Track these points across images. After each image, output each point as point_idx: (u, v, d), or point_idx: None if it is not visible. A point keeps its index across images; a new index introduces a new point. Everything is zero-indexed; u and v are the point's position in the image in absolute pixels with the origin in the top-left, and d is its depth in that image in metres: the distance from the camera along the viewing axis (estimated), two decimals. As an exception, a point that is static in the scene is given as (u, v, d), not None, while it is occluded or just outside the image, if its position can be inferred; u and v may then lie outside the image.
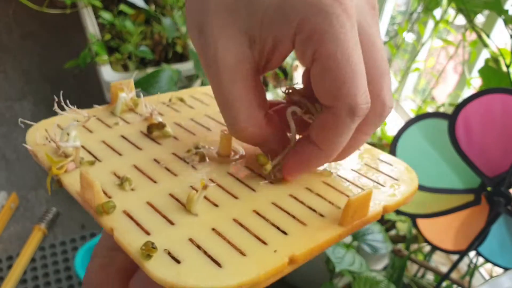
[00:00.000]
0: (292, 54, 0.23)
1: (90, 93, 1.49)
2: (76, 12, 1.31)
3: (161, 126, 0.31)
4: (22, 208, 1.27)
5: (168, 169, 0.27)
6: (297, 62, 1.39)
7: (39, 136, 0.30)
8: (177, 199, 0.25)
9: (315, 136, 0.24)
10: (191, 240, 0.22)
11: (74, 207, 1.28)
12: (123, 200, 0.25)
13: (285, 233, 0.24)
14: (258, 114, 0.24)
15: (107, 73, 1.14)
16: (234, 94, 0.23)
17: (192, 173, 0.27)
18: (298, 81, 1.33)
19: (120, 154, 0.29)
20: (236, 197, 0.26)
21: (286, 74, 1.35)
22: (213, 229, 0.23)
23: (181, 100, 0.36)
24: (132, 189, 0.26)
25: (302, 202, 0.26)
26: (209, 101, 0.37)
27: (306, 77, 0.27)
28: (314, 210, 0.25)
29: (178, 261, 0.21)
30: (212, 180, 0.27)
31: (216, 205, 0.25)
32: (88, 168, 0.27)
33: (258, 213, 0.25)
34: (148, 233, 0.23)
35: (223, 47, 0.22)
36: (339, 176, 0.29)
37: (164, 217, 0.24)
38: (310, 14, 0.21)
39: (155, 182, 0.26)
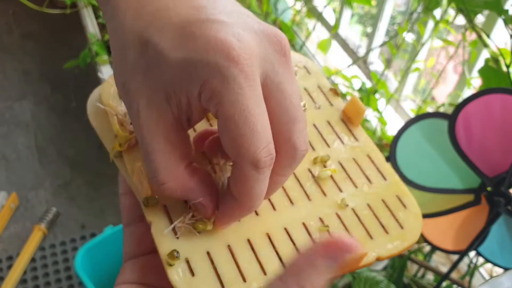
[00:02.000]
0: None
1: (90, 93, 1.49)
2: (76, 12, 1.31)
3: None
4: (22, 208, 1.27)
5: (214, 169, 0.28)
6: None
7: (114, 91, 0.31)
8: None
9: (232, 189, 0.25)
10: (208, 253, 0.25)
11: (74, 207, 1.28)
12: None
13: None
14: (177, 168, 0.24)
15: (107, 73, 1.14)
16: (154, 148, 0.24)
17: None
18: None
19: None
20: (257, 214, 0.27)
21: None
22: (228, 246, 0.25)
23: None
24: None
25: (309, 233, 0.28)
26: None
27: None
28: None
29: (193, 273, 0.24)
30: None
31: (238, 220, 0.27)
32: None
33: (270, 238, 0.27)
34: (177, 237, 0.25)
35: (143, 105, 0.23)
36: (354, 210, 0.30)
37: (193, 222, 0.26)
38: (209, 76, 0.22)
39: None
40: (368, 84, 1.08)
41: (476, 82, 0.92)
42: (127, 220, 0.29)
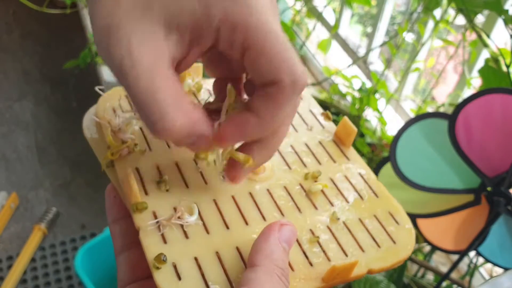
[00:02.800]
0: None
1: (90, 93, 1.49)
2: (76, 12, 1.31)
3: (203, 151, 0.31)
4: (22, 208, 1.27)
5: (202, 174, 0.29)
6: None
7: (109, 106, 0.32)
8: (199, 211, 0.27)
9: (258, 106, 0.24)
10: (196, 258, 0.25)
11: (74, 207, 1.28)
12: (155, 200, 0.27)
13: None
14: (183, 102, 0.23)
15: (107, 73, 1.14)
16: (157, 87, 0.22)
17: (220, 186, 0.29)
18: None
19: (169, 146, 0.31)
20: (246, 223, 0.28)
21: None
22: (217, 253, 0.26)
23: None
24: (167, 190, 0.28)
25: (300, 244, 0.28)
26: None
27: (219, 85, 0.28)
28: (307, 257, 0.27)
29: (180, 278, 0.24)
30: (233, 197, 0.29)
31: (227, 227, 0.27)
32: (138, 156, 0.29)
33: None
34: (165, 242, 0.25)
35: (138, 42, 0.21)
36: (345, 224, 0.30)
37: (182, 227, 0.26)
38: (231, 5, 0.21)
39: (187, 187, 0.29)
40: (368, 84, 1.08)
41: (476, 82, 0.92)
42: (120, 247, 0.28)
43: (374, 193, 0.33)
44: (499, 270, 0.96)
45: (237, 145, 0.28)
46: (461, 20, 0.89)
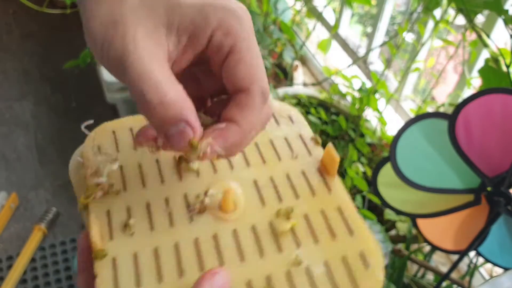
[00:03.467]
0: (293, 53, 0.24)
1: (90, 93, 1.49)
2: (76, 12, 1.31)
3: (185, 160, 0.32)
4: (22, 208, 1.27)
5: (171, 215, 0.30)
6: (297, 63, 1.39)
7: (94, 145, 0.34)
8: (159, 256, 0.28)
9: (235, 115, 0.27)
10: None
11: (74, 207, 1.28)
12: (117, 246, 0.28)
13: None
14: (179, 86, 0.25)
15: (107, 73, 1.14)
16: (153, 68, 0.24)
17: (185, 228, 0.29)
18: (298, 80, 1.33)
19: (144, 185, 0.31)
20: (202, 268, 0.27)
21: (286, 74, 1.35)
22: None
23: None
24: (131, 234, 0.29)
25: None
26: (275, 126, 0.37)
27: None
28: None
29: None
30: (196, 240, 0.29)
31: (181, 275, 0.27)
32: (112, 198, 0.30)
33: None
34: None
35: (142, 35, 0.24)
36: (307, 268, 0.28)
37: (138, 276, 0.27)
38: (227, 16, 0.26)
39: (152, 229, 0.29)
40: (368, 84, 1.08)
41: (476, 82, 0.92)
42: None
43: (350, 230, 0.30)
44: (499, 270, 0.95)
45: None
46: (461, 20, 0.89)
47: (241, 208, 0.31)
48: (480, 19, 0.89)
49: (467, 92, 0.95)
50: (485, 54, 0.89)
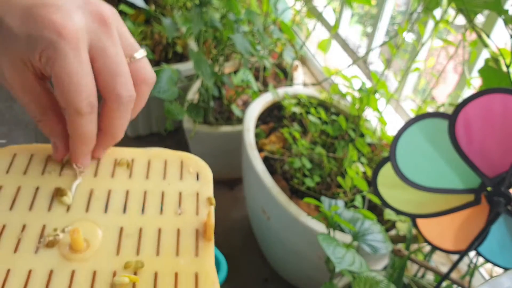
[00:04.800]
0: (293, 53, 0.23)
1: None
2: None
3: (60, 193, 0.33)
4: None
5: (20, 241, 0.30)
6: (297, 63, 1.39)
7: None
8: None
9: (68, 131, 0.33)
10: None
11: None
12: None
13: None
14: (46, 111, 0.33)
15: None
16: (23, 100, 0.33)
17: (26, 257, 0.29)
18: (298, 80, 1.33)
19: (10, 208, 0.32)
20: None
21: (286, 74, 1.35)
22: None
23: (128, 165, 0.36)
24: None
25: None
26: (156, 174, 0.36)
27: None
28: None
29: None
30: (29, 273, 0.28)
31: None
32: None
33: None
34: None
35: (7, 68, 0.31)
36: None
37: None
38: (45, 47, 0.29)
39: None
40: (368, 84, 1.08)
41: (476, 82, 0.92)
42: None
43: None
44: (499, 270, 0.95)
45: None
46: (461, 20, 0.89)
47: (92, 252, 0.30)
48: (480, 19, 0.89)
49: (467, 92, 0.95)
50: (485, 54, 0.89)
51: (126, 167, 0.36)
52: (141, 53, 0.34)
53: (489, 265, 0.95)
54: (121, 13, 1.27)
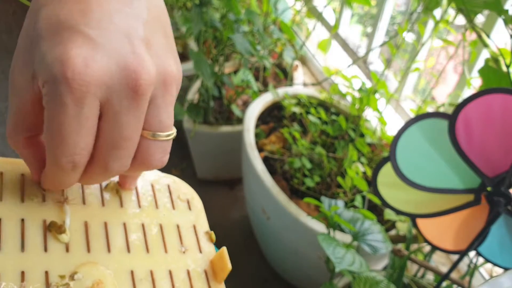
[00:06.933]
0: (293, 53, 0.23)
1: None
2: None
3: (57, 229, 0.28)
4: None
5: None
6: (297, 63, 1.39)
7: None
8: None
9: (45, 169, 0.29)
10: None
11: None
12: None
13: None
14: (16, 135, 0.28)
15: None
16: (11, 107, 0.27)
17: None
18: (298, 80, 1.33)
19: None
20: None
21: (286, 74, 1.35)
22: None
23: (116, 190, 0.33)
24: None
25: None
26: (147, 201, 0.33)
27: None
28: None
29: None
30: None
31: None
32: None
33: None
34: None
35: (17, 69, 0.27)
36: None
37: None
38: (47, 80, 0.24)
39: None
40: (368, 84, 1.09)
41: (476, 82, 0.92)
42: None
43: None
44: (499, 270, 0.95)
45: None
46: (461, 20, 0.89)
47: None
48: (480, 19, 0.89)
49: (467, 92, 0.95)
50: (485, 54, 0.89)
51: (115, 193, 0.32)
52: (165, 135, 0.28)
53: (489, 265, 0.95)
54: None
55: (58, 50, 0.24)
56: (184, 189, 0.35)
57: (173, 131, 0.28)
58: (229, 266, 0.30)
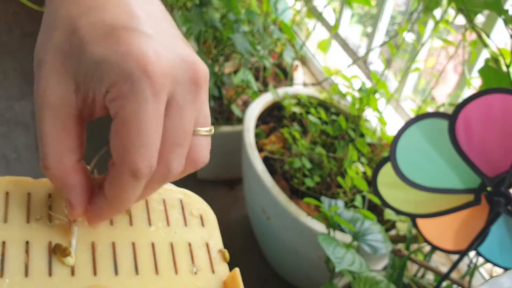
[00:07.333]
0: (293, 53, 0.23)
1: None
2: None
3: (62, 252, 0.27)
4: (22, 208, 1.26)
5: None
6: (297, 63, 1.39)
7: None
8: None
9: (107, 191, 0.26)
10: None
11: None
12: None
13: None
14: (65, 159, 0.25)
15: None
16: (50, 132, 0.25)
17: None
18: (298, 80, 1.33)
19: (1, 276, 0.25)
20: None
21: (286, 74, 1.35)
22: None
23: (128, 211, 0.31)
24: None
25: None
26: (158, 218, 0.32)
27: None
28: None
29: None
30: None
31: None
32: None
33: None
34: None
35: (52, 86, 0.24)
36: None
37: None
38: (121, 79, 0.23)
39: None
40: (368, 84, 1.09)
41: (476, 82, 0.92)
42: None
43: None
44: (499, 270, 0.95)
45: None
46: (461, 20, 0.89)
47: None
48: (480, 19, 0.89)
49: (467, 92, 0.95)
50: (485, 54, 0.89)
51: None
52: (207, 130, 0.27)
53: (489, 265, 0.95)
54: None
55: (124, 48, 0.23)
56: (196, 204, 0.34)
57: (212, 128, 0.28)
58: (240, 285, 0.29)
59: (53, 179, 0.26)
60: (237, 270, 0.29)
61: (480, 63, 0.91)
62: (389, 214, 0.89)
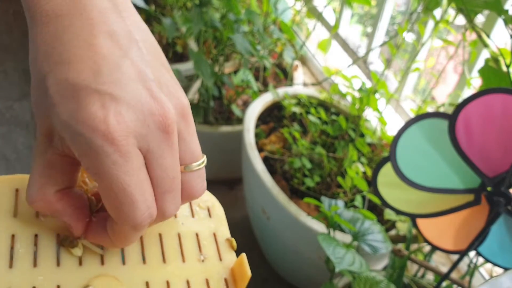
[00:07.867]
0: (293, 53, 0.23)
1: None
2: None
3: (70, 243, 0.28)
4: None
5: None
6: (297, 63, 1.39)
7: None
8: None
9: (110, 234, 0.27)
10: None
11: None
12: None
13: None
14: (46, 192, 0.26)
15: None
16: (34, 169, 0.26)
17: None
18: (298, 80, 1.33)
19: (10, 267, 0.26)
20: None
21: (286, 74, 1.35)
22: None
23: None
24: None
25: None
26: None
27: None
28: None
29: None
30: None
31: None
32: None
33: None
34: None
35: (39, 130, 0.26)
36: None
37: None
38: (86, 150, 0.23)
39: None
40: (368, 84, 1.09)
41: (476, 82, 0.92)
42: None
43: None
44: (499, 270, 0.96)
45: None
46: (461, 20, 0.89)
47: None
48: (480, 19, 0.89)
49: (467, 92, 0.95)
50: (485, 54, 0.89)
51: None
52: (198, 164, 0.28)
53: (489, 265, 0.95)
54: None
55: (83, 114, 0.23)
56: (204, 197, 0.34)
57: (204, 158, 0.29)
58: (248, 273, 0.29)
59: (41, 209, 0.27)
60: (243, 255, 0.30)
61: (480, 63, 0.91)
62: (389, 214, 0.89)
